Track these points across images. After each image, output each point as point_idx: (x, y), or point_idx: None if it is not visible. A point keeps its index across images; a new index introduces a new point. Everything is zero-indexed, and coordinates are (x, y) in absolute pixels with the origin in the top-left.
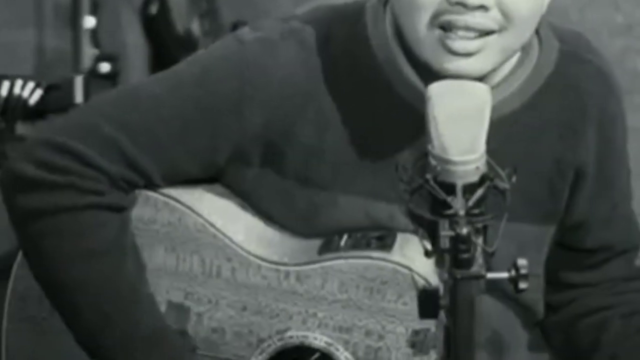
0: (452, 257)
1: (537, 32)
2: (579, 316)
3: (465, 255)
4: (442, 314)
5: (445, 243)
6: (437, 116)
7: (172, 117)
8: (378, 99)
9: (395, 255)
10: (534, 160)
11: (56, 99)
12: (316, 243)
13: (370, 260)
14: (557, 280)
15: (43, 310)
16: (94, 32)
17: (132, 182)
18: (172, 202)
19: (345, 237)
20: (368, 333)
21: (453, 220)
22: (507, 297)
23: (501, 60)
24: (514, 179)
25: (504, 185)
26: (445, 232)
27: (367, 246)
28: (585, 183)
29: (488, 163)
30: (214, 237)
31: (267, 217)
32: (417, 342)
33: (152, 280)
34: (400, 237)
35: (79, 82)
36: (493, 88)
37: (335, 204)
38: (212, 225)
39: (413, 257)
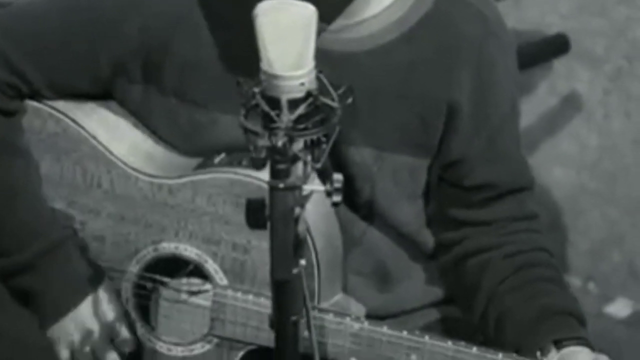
0: (270, 167)
1: None
2: (466, 255)
3: (282, 166)
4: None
5: (261, 153)
6: (262, 32)
7: (56, 28)
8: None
9: (263, 173)
10: (407, 92)
11: None
12: (196, 161)
13: (236, 175)
14: (446, 218)
15: None
16: None
17: (17, 89)
18: (57, 114)
19: (222, 155)
20: (234, 247)
21: (272, 132)
22: (391, 228)
23: None
24: (350, 99)
25: (334, 104)
26: (262, 143)
27: (239, 164)
28: (459, 121)
29: (320, 81)
30: (95, 149)
31: (156, 136)
32: None
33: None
34: None
35: None
36: (372, 17)
37: (215, 122)
38: (95, 138)
39: None
